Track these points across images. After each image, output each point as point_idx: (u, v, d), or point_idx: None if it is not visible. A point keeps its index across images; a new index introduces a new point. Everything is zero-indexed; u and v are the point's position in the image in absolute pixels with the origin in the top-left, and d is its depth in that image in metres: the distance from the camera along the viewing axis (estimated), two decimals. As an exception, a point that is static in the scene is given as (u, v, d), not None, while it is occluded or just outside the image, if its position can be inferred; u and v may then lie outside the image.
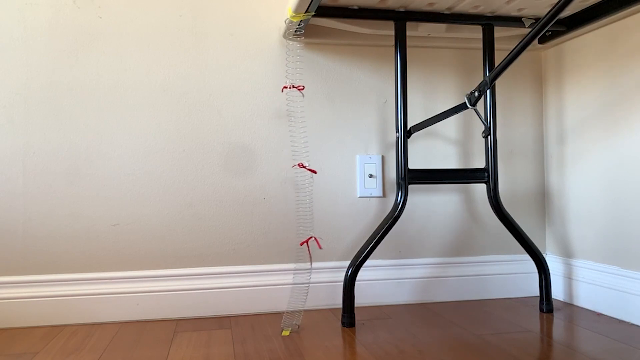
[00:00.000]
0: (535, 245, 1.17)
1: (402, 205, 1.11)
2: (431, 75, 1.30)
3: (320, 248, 1.07)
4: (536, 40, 1.20)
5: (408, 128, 1.14)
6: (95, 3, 1.15)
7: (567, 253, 1.28)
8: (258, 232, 1.21)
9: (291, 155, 1.22)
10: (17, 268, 1.11)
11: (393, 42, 1.25)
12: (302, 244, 1.06)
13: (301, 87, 1.09)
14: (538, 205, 1.35)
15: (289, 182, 1.22)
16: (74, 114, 1.14)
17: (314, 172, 1.17)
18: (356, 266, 1.07)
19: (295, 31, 1.12)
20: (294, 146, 1.21)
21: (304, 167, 1.09)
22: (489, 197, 1.17)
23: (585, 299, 1.20)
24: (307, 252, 1.06)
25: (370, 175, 1.26)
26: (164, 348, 0.95)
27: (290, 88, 1.11)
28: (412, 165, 1.27)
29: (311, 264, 1.13)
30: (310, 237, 1.08)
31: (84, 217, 1.14)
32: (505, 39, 1.29)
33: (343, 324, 1.08)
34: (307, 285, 1.07)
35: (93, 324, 1.12)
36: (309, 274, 1.08)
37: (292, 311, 1.06)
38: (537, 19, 1.19)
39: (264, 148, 1.21)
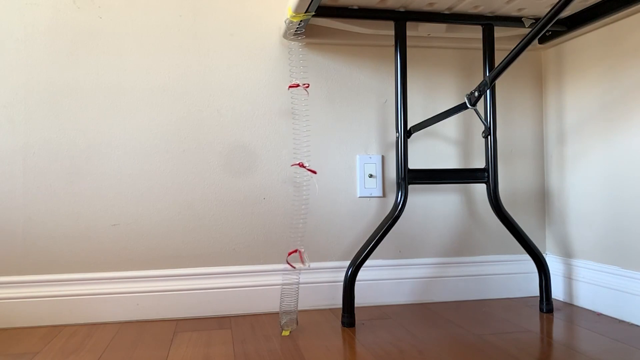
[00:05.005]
0: (535, 245, 1.17)
1: (402, 205, 1.11)
2: (431, 75, 1.30)
3: (302, 263, 1.06)
4: (536, 40, 1.20)
5: (408, 128, 1.14)
6: (95, 3, 1.15)
7: (567, 253, 1.28)
8: (258, 232, 1.21)
9: (292, 154, 1.22)
10: (17, 268, 1.11)
11: (393, 42, 1.25)
12: (290, 254, 1.06)
13: (307, 85, 1.09)
14: (538, 205, 1.35)
15: (289, 182, 1.22)
16: (74, 114, 1.14)
17: (314, 172, 1.16)
18: (356, 266, 1.07)
19: (295, 31, 1.12)
20: (296, 145, 1.21)
21: (304, 167, 1.08)
22: (489, 197, 1.17)
23: (585, 299, 1.20)
24: (290, 263, 1.06)
25: (370, 175, 1.26)
26: (164, 348, 0.95)
27: (298, 86, 1.11)
28: (412, 165, 1.27)
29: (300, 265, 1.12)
30: (296, 250, 1.08)
31: (84, 216, 1.14)
32: (505, 39, 1.29)
33: (343, 324, 1.08)
34: (296, 285, 1.07)
35: (93, 324, 1.12)
36: (297, 274, 1.07)
37: (285, 311, 1.06)
38: (537, 19, 1.19)
39: (264, 148, 1.21)
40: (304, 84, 1.09)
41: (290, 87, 1.09)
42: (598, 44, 1.17)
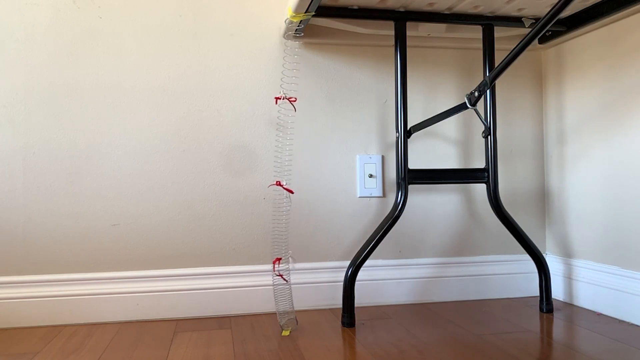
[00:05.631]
0: (535, 245, 1.17)
1: (402, 205, 1.11)
2: (431, 75, 1.30)
3: (284, 279, 1.05)
4: (536, 40, 1.20)
5: (408, 128, 1.14)
6: (95, 3, 1.15)
7: (567, 253, 1.28)
8: (258, 232, 1.21)
9: (296, 153, 1.22)
10: (17, 268, 1.11)
11: (393, 42, 1.25)
12: (274, 262, 1.05)
13: (293, 99, 1.08)
14: (538, 205, 1.35)
15: (289, 181, 1.22)
16: (74, 114, 1.14)
17: (291, 192, 1.16)
18: (356, 266, 1.07)
19: (295, 31, 1.12)
20: (277, 160, 1.20)
21: (281, 185, 1.07)
22: (489, 197, 1.17)
23: (585, 299, 1.20)
24: (281, 274, 1.05)
25: (370, 175, 1.26)
26: (164, 348, 0.95)
27: (282, 99, 1.10)
28: (412, 165, 1.27)
29: (287, 265, 1.12)
30: (280, 258, 1.07)
31: (84, 216, 1.14)
32: (505, 39, 1.29)
33: (343, 324, 1.08)
34: (288, 285, 1.07)
35: (93, 324, 1.12)
36: (288, 275, 1.07)
37: (282, 312, 1.06)
38: (537, 19, 1.19)
39: (264, 148, 1.21)
40: (290, 98, 1.08)
41: (276, 99, 1.08)
42: (598, 44, 1.17)
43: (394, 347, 0.94)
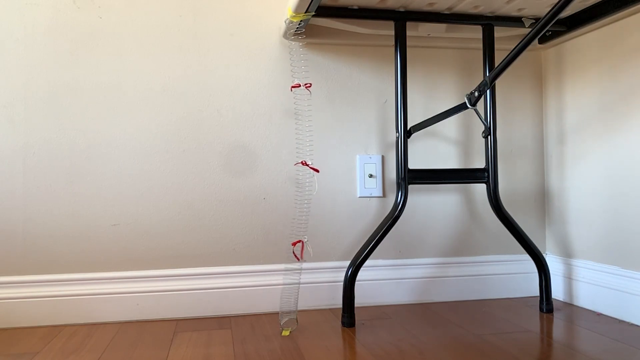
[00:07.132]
0: (535, 245, 1.17)
1: (402, 205, 1.11)
2: (431, 75, 1.30)
3: (301, 258, 1.06)
4: (536, 40, 1.20)
5: (408, 128, 1.14)
6: (96, 3, 1.15)
7: (567, 253, 1.28)
8: (258, 232, 1.21)
9: (292, 153, 1.22)
10: (17, 268, 1.11)
11: (393, 42, 1.25)
12: (294, 244, 1.06)
13: (309, 85, 1.09)
14: (538, 205, 1.35)
15: (289, 181, 1.22)
16: (74, 113, 1.14)
17: (317, 170, 1.16)
18: (356, 266, 1.07)
19: (295, 31, 1.12)
20: (299, 144, 1.21)
21: (307, 165, 1.09)
22: (489, 197, 1.17)
23: (585, 299, 1.20)
24: (296, 254, 1.06)
25: (370, 175, 1.26)
26: (164, 348, 0.95)
27: (300, 87, 1.11)
28: (412, 165, 1.27)
29: (301, 265, 1.13)
30: (300, 241, 1.08)
31: (84, 217, 1.14)
32: (505, 39, 1.29)
33: (343, 324, 1.08)
34: (297, 285, 1.07)
35: (93, 324, 1.12)
36: (298, 275, 1.08)
37: (285, 312, 1.06)
38: (537, 19, 1.19)
39: (264, 148, 1.21)
40: (306, 84, 1.09)
41: (292, 87, 1.09)
42: (598, 44, 1.17)
43: (394, 347, 0.94)
